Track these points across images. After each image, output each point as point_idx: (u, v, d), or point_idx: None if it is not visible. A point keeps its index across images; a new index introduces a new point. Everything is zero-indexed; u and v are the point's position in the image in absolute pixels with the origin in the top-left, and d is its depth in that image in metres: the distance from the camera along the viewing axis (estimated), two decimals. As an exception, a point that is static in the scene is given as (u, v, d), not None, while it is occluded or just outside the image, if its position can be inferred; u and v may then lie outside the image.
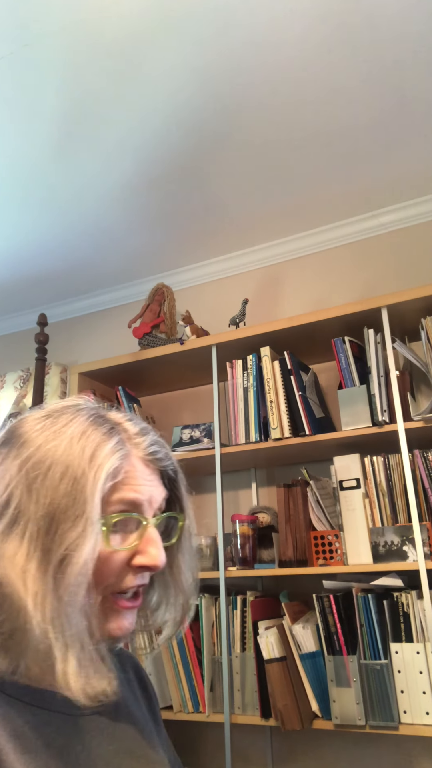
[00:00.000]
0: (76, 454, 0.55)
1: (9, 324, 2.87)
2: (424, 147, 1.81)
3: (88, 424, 0.58)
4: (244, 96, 1.59)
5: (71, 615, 0.51)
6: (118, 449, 0.57)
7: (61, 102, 1.59)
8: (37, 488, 0.54)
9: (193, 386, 2.31)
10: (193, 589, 0.67)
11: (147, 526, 0.58)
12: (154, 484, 0.61)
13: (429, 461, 1.58)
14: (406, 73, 1.54)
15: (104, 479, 0.54)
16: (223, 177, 1.92)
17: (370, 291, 2.10)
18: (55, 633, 0.51)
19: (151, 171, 1.88)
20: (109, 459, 0.55)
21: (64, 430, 0.57)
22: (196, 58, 1.47)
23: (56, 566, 0.52)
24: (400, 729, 1.42)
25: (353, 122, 1.70)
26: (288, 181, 1.95)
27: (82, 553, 0.52)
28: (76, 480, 0.54)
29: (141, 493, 0.58)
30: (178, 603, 0.67)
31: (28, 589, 0.51)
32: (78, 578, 0.52)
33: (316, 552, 1.66)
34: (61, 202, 2.02)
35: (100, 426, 0.58)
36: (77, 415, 0.59)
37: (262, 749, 1.83)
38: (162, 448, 0.63)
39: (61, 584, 0.51)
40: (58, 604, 0.51)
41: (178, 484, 0.66)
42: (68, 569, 0.52)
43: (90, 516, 0.53)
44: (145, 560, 0.57)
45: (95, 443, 0.56)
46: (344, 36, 1.42)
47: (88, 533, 0.52)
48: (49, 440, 0.56)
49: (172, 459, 0.65)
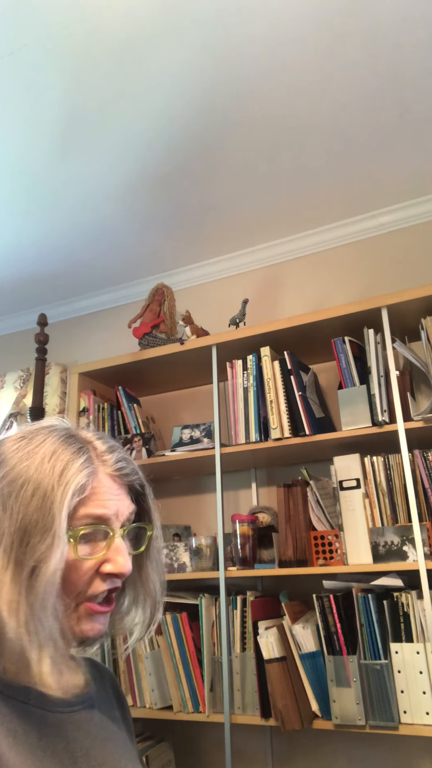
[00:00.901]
0: (46, 473, 0.60)
1: (9, 324, 2.87)
2: (423, 147, 1.82)
3: (59, 444, 0.63)
4: (245, 96, 1.59)
5: (43, 619, 0.56)
6: (86, 467, 0.62)
7: (61, 102, 1.59)
8: (11, 505, 0.59)
9: (193, 386, 2.31)
10: (160, 593, 0.73)
11: (113, 537, 0.63)
12: (121, 498, 0.65)
13: (429, 461, 1.58)
14: (407, 74, 1.54)
15: (71, 495, 0.59)
16: (223, 177, 1.92)
17: (370, 291, 2.10)
18: (29, 636, 0.55)
19: (151, 171, 1.88)
20: (76, 476, 0.60)
21: (36, 450, 0.62)
22: (198, 59, 1.47)
23: (27, 576, 0.57)
24: (400, 729, 1.42)
25: (353, 122, 1.70)
26: (288, 181, 1.95)
27: (50, 564, 0.57)
28: (46, 496, 0.59)
29: (107, 507, 0.63)
30: (147, 606, 0.72)
31: (2, 597, 0.56)
32: (47, 586, 0.56)
33: (316, 552, 1.66)
34: (62, 202, 2.02)
35: (70, 445, 0.63)
36: (49, 436, 0.64)
37: (262, 749, 1.83)
38: (128, 464, 0.68)
39: (32, 592, 0.56)
40: (30, 610, 0.56)
41: (145, 497, 0.71)
42: (38, 579, 0.56)
43: (57, 530, 0.57)
44: (111, 568, 0.62)
45: (64, 461, 0.61)
46: (344, 36, 1.42)
47: (55, 545, 0.57)
48: (22, 460, 0.61)
49: (138, 474, 0.70)
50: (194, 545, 1.82)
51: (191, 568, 1.82)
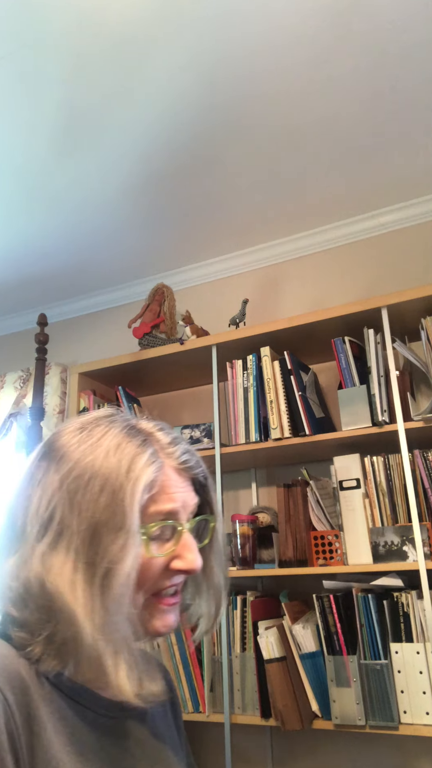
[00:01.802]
0: (113, 467, 0.57)
1: (9, 324, 2.87)
2: (423, 147, 1.81)
3: (122, 437, 0.60)
4: (244, 96, 1.59)
5: (118, 623, 0.54)
6: (153, 461, 0.59)
7: (61, 102, 1.58)
8: (78, 502, 0.56)
9: (193, 386, 2.31)
10: (224, 585, 0.71)
11: (183, 532, 0.61)
12: (186, 490, 0.63)
13: (429, 461, 1.58)
14: (407, 74, 1.54)
15: (141, 492, 0.57)
16: (223, 177, 1.92)
17: (370, 291, 2.10)
18: (105, 641, 0.53)
19: (151, 171, 1.88)
20: (145, 471, 0.58)
21: (100, 443, 0.59)
22: (197, 60, 1.47)
23: (101, 578, 0.54)
24: (400, 729, 1.41)
25: (353, 122, 1.70)
26: (288, 181, 1.95)
27: (125, 566, 0.54)
28: (115, 493, 0.56)
29: (176, 501, 0.61)
30: (211, 599, 0.70)
31: (77, 600, 0.54)
32: (122, 589, 0.54)
33: (316, 552, 1.66)
34: (62, 202, 2.02)
35: (134, 438, 0.60)
36: (111, 427, 0.61)
37: (262, 749, 1.83)
38: (193, 457, 0.66)
39: (107, 595, 0.54)
40: (105, 614, 0.54)
41: (208, 489, 0.69)
42: (113, 581, 0.54)
43: (130, 529, 0.55)
44: (182, 564, 0.60)
45: (130, 455, 0.58)
46: (345, 37, 1.42)
47: (129, 546, 0.55)
48: (86, 454, 0.59)
49: (202, 466, 0.67)
50: (194, 545, 1.82)
51: (191, 568, 1.81)
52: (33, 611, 0.56)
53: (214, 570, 0.69)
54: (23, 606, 0.56)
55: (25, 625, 0.57)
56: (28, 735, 0.51)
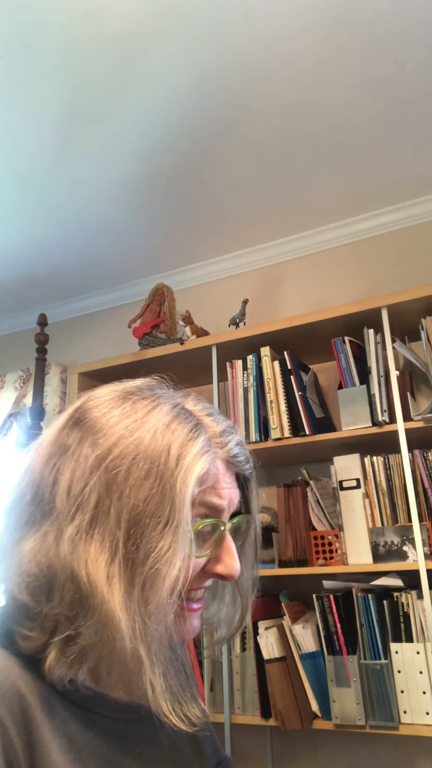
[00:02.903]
0: (161, 450, 0.49)
1: (9, 324, 2.87)
2: (423, 147, 1.81)
3: (172, 416, 0.52)
4: (244, 96, 1.59)
5: (159, 632, 0.48)
6: (206, 451, 0.52)
7: (60, 101, 1.58)
8: (119, 487, 0.48)
9: (193, 386, 2.31)
10: (251, 591, 0.64)
11: (225, 533, 0.54)
12: (233, 486, 0.57)
13: (429, 461, 1.58)
14: (406, 73, 1.54)
15: (193, 484, 0.49)
16: (223, 177, 1.92)
17: (370, 291, 2.10)
18: (145, 652, 0.47)
19: (151, 171, 1.88)
20: (198, 462, 0.50)
21: (146, 420, 0.51)
22: (196, 58, 1.47)
23: (145, 578, 0.47)
24: (400, 729, 1.41)
25: (353, 122, 1.70)
26: (288, 181, 1.95)
27: (174, 568, 0.47)
28: (163, 481, 0.48)
29: (224, 498, 0.54)
30: (237, 605, 0.64)
31: (115, 598, 0.46)
32: (170, 594, 0.47)
33: (316, 552, 1.66)
34: (61, 202, 2.02)
35: (185, 420, 0.53)
36: (159, 403, 0.54)
37: (262, 749, 1.83)
38: (244, 451, 0.59)
39: (152, 599, 0.47)
40: (148, 620, 0.47)
41: (251, 486, 0.62)
42: (158, 584, 0.47)
43: (180, 525, 0.48)
44: (222, 569, 0.54)
45: (181, 441, 0.51)
46: (344, 36, 1.42)
47: (179, 545, 0.48)
48: (130, 430, 0.50)
49: (251, 461, 0.60)
50: (194, 545, 1.82)
51: (191, 568, 1.81)
52: (57, 605, 0.47)
53: (243, 573, 0.62)
54: (45, 598, 0.48)
55: (42, 621, 0.48)
56: (30, 762, 0.46)
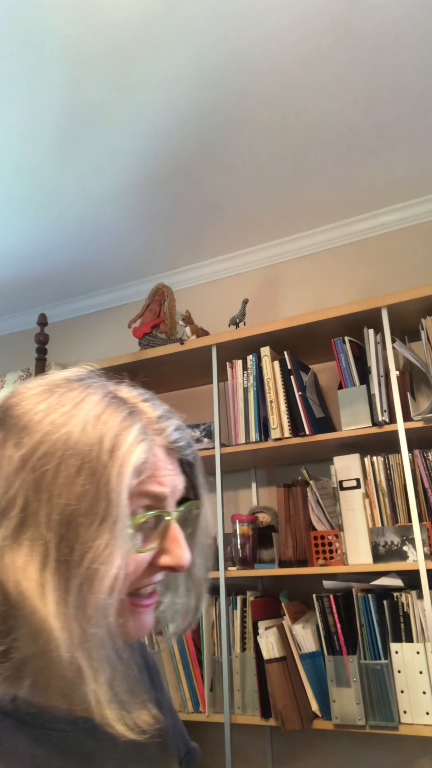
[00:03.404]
0: (92, 443, 0.46)
1: (9, 324, 2.87)
2: (423, 147, 1.81)
3: (103, 406, 0.49)
4: (244, 96, 1.59)
5: (101, 636, 0.45)
6: (142, 439, 0.49)
7: (61, 102, 1.58)
8: (48, 485, 0.45)
9: (193, 386, 2.31)
10: (205, 581, 0.62)
11: (170, 522, 0.52)
12: (175, 472, 0.53)
13: (429, 461, 1.58)
14: (406, 74, 1.54)
15: (129, 475, 0.47)
16: (223, 177, 1.92)
17: (370, 291, 2.10)
18: (85, 659, 0.44)
19: (151, 171, 1.88)
20: (134, 451, 0.47)
21: (75, 413, 0.48)
22: (197, 60, 1.47)
23: (81, 581, 0.44)
24: (400, 729, 1.41)
25: (353, 122, 1.70)
26: (288, 181, 1.95)
27: (113, 567, 0.45)
28: (97, 476, 0.46)
29: (165, 485, 0.51)
30: (190, 595, 0.61)
31: (47, 607, 0.44)
32: (110, 596, 0.45)
33: (316, 552, 1.66)
34: (62, 202, 2.02)
35: (117, 408, 0.49)
36: (88, 393, 0.50)
37: (262, 749, 1.83)
38: (184, 434, 0.56)
39: (89, 603, 0.44)
40: (86, 625, 0.44)
41: (196, 471, 0.58)
42: (96, 585, 0.44)
43: (117, 521, 0.45)
44: (170, 561, 0.51)
45: (114, 431, 0.47)
46: (344, 37, 1.42)
47: (117, 541, 0.45)
48: (57, 425, 0.47)
49: (193, 446, 0.57)
50: (194, 545, 1.82)
51: (191, 568, 1.81)
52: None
53: (196, 562, 0.59)
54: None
55: None
56: None
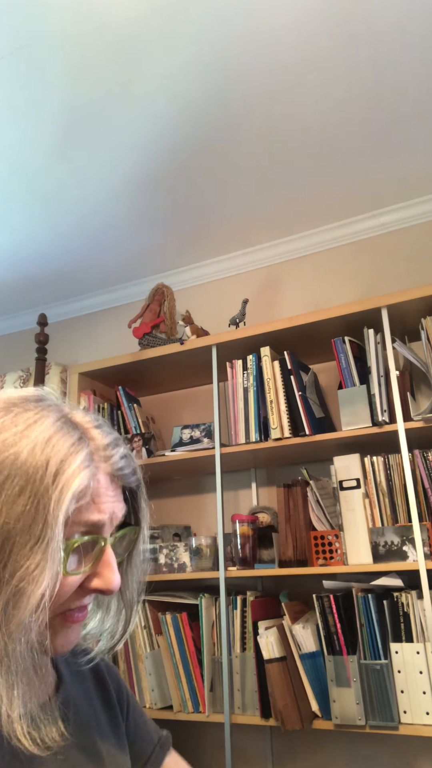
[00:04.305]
0: (38, 466, 0.48)
1: (9, 324, 2.87)
2: (424, 147, 1.81)
3: (54, 429, 0.51)
4: (245, 97, 1.59)
5: (20, 653, 0.46)
6: (86, 465, 0.51)
7: (61, 102, 1.59)
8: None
9: (193, 386, 2.31)
10: (135, 603, 0.64)
11: (105, 548, 0.54)
12: (116, 499, 0.55)
13: (429, 461, 1.58)
14: (407, 73, 1.54)
15: (69, 501, 0.48)
16: (223, 177, 1.92)
17: (370, 291, 2.10)
18: (2, 673, 0.46)
19: (151, 170, 1.88)
20: (76, 478, 0.49)
21: (26, 434, 0.50)
22: (197, 59, 1.47)
23: (8, 598, 0.46)
24: (400, 729, 1.42)
25: (353, 122, 1.70)
26: (288, 181, 1.95)
27: (40, 587, 0.46)
28: (37, 498, 0.47)
29: (104, 512, 0.53)
30: (120, 615, 0.63)
31: None
32: (32, 615, 0.46)
33: (316, 552, 1.66)
34: (62, 202, 2.02)
35: (68, 433, 0.52)
36: (42, 416, 0.52)
37: (262, 749, 1.83)
38: (130, 463, 0.58)
39: (13, 620, 0.46)
40: (8, 641, 0.45)
41: (138, 497, 0.61)
42: (21, 604, 0.46)
43: (50, 543, 0.47)
44: (100, 584, 0.53)
45: (61, 455, 0.50)
46: (344, 36, 1.42)
47: (47, 563, 0.47)
48: (7, 445, 0.49)
49: (137, 473, 0.59)
50: (194, 545, 1.82)
51: (191, 568, 1.82)
52: None
53: (129, 585, 0.62)
54: None
55: None
56: None
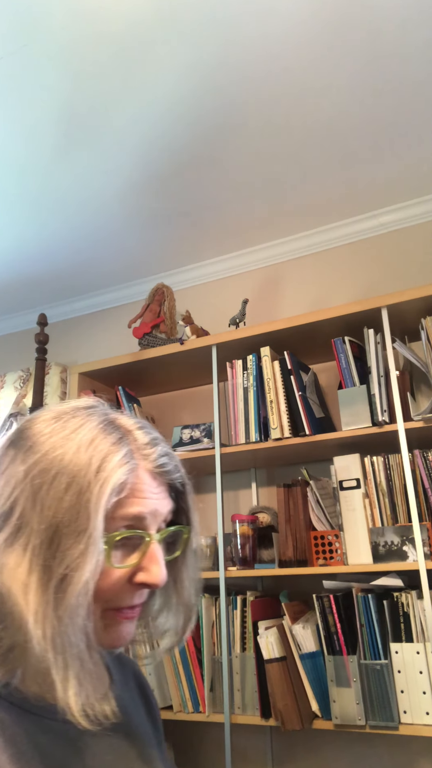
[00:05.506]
0: (82, 464, 0.53)
1: (9, 324, 2.87)
2: (423, 147, 1.81)
3: (97, 431, 0.56)
4: (244, 96, 1.59)
5: (71, 635, 0.50)
6: (126, 462, 0.55)
7: (61, 102, 1.59)
8: (42, 498, 0.52)
9: (193, 386, 2.31)
10: (194, 600, 0.67)
11: (150, 543, 0.57)
12: (159, 497, 0.59)
13: (429, 461, 1.58)
14: (406, 73, 1.54)
15: (109, 494, 0.52)
16: (223, 177, 1.92)
17: (370, 291, 2.10)
18: (54, 653, 0.49)
19: (151, 171, 1.88)
20: (115, 472, 0.53)
21: (72, 437, 0.55)
22: (196, 59, 1.47)
23: (57, 584, 0.50)
24: (400, 729, 1.41)
25: (353, 122, 1.70)
26: (288, 181, 1.95)
27: (83, 574, 0.50)
28: (81, 493, 0.52)
29: (145, 506, 0.56)
30: (180, 613, 0.66)
31: (29, 605, 0.50)
32: (78, 599, 0.50)
33: (316, 552, 1.66)
34: (61, 202, 2.02)
35: (110, 434, 0.56)
36: (87, 420, 0.57)
37: (262, 749, 1.83)
38: (171, 460, 0.61)
39: (61, 604, 0.50)
40: (58, 624, 0.50)
41: (185, 496, 0.65)
42: (69, 589, 0.50)
43: (92, 534, 0.51)
44: (146, 578, 0.56)
45: (102, 453, 0.54)
46: (344, 35, 1.42)
47: (90, 552, 0.51)
48: (56, 446, 0.54)
49: (180, 471, 0.63)
50: (194, 545, 1.82)
51: (191, 568, 1.81)
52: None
53: (185, 584, 0.65)
54: None
55: None
56: None
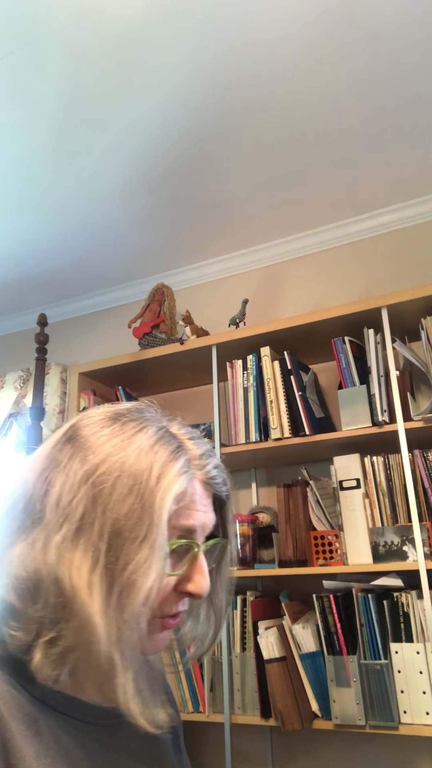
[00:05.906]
0: (144, 469, 0.53)
1: (9, 324, 2.87)
2: (423, 147, 1.81)
3: (156, 438, 0.56)
4: (244, 96, 1.59)
5: (133, 639, 0.51)
6: (185, 471, 0.55)
7: (61, 101, 1.59)
8: (103, 501, 0.52)
9: (193, 386, 2.31)
10: (225, 611, 0.68)
11: (198, 554, 0.58)
12: (208, 509, 0.60)
13: (429, 461, 1.58)
14: (406, 73, 1.54)
15: (171, 502, 0.53)
16: (223, 177, 1.92)
17: (370, 291, 2.10)
18: (120, 655, 0.50)
19: (151, 171, 1.88)
20: (176, 481, 0.54)
21: (132, 440, 0.55)
22: (196, 59, 1.47)
23: (122, 588, 0.50)
24: (400, 729, 1.41)
25: (353, 122, 1.70)
26: (288, 181, 1.95)
27: (148, 580, 0.50)
28: (143, 498, 0.52)
29: (197, 519, 0.57)
30: (210, 622, 0.67)
31: (93, 604, 0.50)
32: (143, 604, 0.50)
33: (316, 552, 1.66)
34: (61, 202, 2.02)
35: (168, 443, 0.56)
36: (145, 426, 0.57)
37: (262, 749, 1.83)
38: (222, 473, 0.62)
39: (127, 607, 0.50)
40: (123, 627, 0.50)
41: (226, 509, 0.66)
42: (134, 594, 0.50)
43: (157, 540, 0.51)
44: (192, 588, 0.57)
45: (163, 461, 0.54)
46: (344, 35, 1.42)
47: (155, 558, 0.51)
48: (117, 449, 0.54)
49: (228, 484, 0.63)
50: (194, 545, 1.82)
51: (191, 568, 1.82)
52: (42, 608, 0.51)
53: (218, 593, 0.67)
54: (31, 600, 0.51)
55: (27, 622, 0.52)
56: (6, 766, 0.48)
